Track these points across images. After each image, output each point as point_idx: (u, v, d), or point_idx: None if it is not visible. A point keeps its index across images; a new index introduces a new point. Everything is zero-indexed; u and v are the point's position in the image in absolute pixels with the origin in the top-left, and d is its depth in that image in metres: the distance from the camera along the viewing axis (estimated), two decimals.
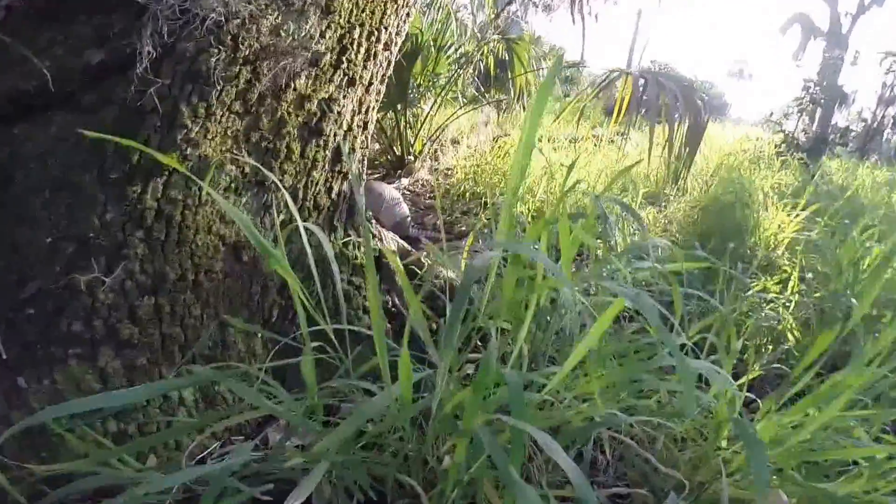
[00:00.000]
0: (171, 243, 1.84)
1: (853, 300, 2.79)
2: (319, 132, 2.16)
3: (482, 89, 7.36)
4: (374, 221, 3.05)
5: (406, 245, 3.17)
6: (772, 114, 8.78)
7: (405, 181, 5.45)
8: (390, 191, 3.96)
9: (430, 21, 5.64)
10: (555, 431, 1.67)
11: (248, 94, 1.88)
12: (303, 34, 1.97)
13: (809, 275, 3.11)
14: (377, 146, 5.92)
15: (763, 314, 2.78)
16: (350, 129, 2.32)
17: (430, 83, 6.00)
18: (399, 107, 5.46)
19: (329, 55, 2.10)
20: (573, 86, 14.26)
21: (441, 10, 5.68)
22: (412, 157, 5.68)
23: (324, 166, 2.23)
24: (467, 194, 4.66)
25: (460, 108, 6.28)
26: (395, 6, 2.40)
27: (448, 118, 6.02)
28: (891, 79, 8.39)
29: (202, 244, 1.90)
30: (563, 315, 2.01)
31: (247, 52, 1.82)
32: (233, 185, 1.95)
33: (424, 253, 3.25)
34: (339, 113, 2.21)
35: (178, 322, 1.90)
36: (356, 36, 2.20)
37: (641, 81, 3.75)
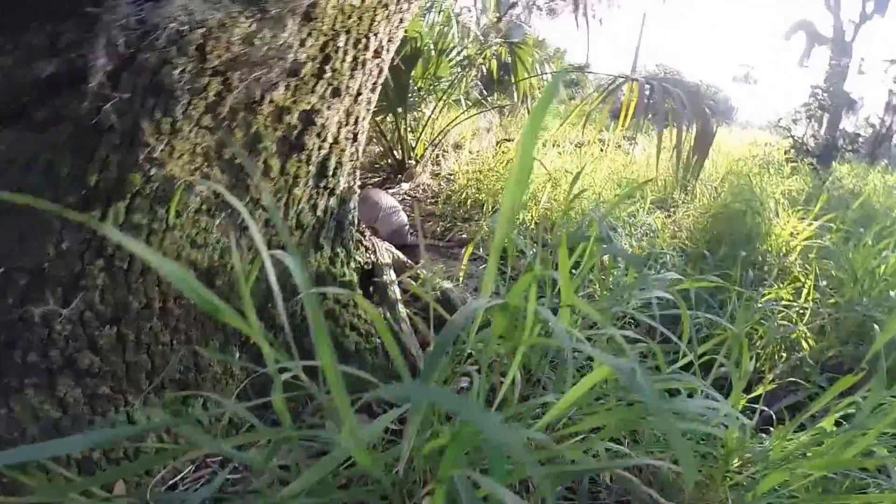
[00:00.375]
0: (134, 272, 1.67)
1: (871, 309, 2.68)
2: (301, 146, 1.99)
3: (485, 93, 7.22)
4: (367, 233, 2.89)
5: (401, 256, 3.01)
6: (780, 119, 8.65)
7: (406, 186, 5.31)
8: (387, 199, 3.81)
9: (431, 24, 5.48)
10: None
11: (218, 107, 1.71)
12: (280, 43, 1.80)
13: (824, 282, 2.94)
14: (378, 149, 5.79)
15: (776, 323, 2.63)
16: (336, 141, 2.15)
17: (432, 86, 5.86)
18: (399, 110, 5.30)
19: (310, 64, 1.94)
20: (578, 89, 14.08)
21: (441, 13, 5.53)
22: (413, 162, 5.54)
23: (307, 182, 2.07)
24: (468, 201, 4.51)
25: (463, 111, 6.13)
26: (386, 12, 2.23)
27: (450, 122, 5.89)
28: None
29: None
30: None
31: (216, 63, 1.65)
32: (204, 206, 1.78)
33: (420, 265, 3.13)
34: (322, 125, 2.04)
35: (144, 350, 1.73)
36: (341, 44, 2.03)
37: (648, 87, 3.57)
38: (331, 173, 2.15)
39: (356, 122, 2.26)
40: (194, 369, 1.86)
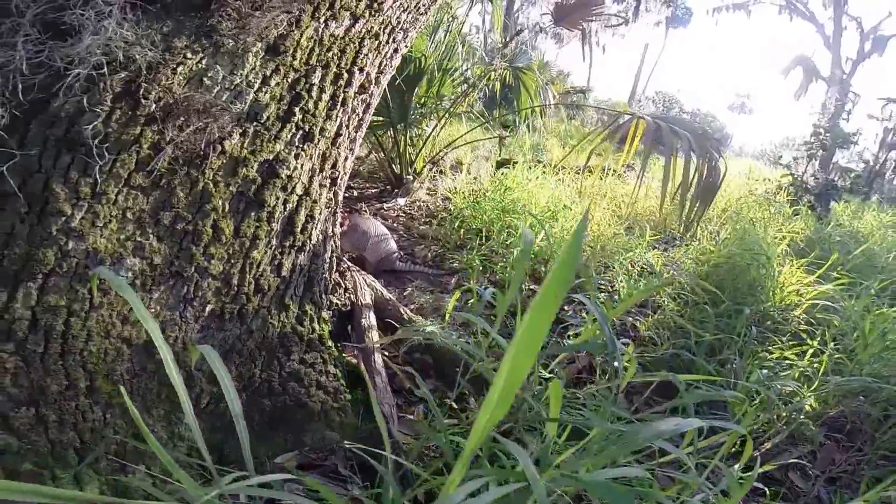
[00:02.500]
0: (51, 355, 1.35)
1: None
2: (261, 203, 1.65)
3: (486, 114, 6.94)
4: (348, 273, 2.55)
5: (385, 293, 2.72)
6: (780, 157, 8.44)
7: (402, 201, 5.02)
8: (376, 227, 3.49)
9: (436, 44, 5.18)
10: None
11: (154, 162, 1.36)
12: (237, 81, 1.45)
13: (832, 344, 2.63)
14: (375, 159, 5.52)
15: (778, 384, 2.36)
16: (307, 192, 1.80)
17: (435, 105, 5.56)
18: (400, 126, 5.05)
19: (274, 106, 1.60)
20: (578, 111, 13.78)
21: (448, 33, 5.22)
22: (411, 177, 5.24)
23: (269, 243, 1.72)
24: (462, 229, 4.18)
25: (467, 132, 5.81)
26: (377, 43, 1.89)
27: (452, 141, 5.59)
28: (892, 124, 8.04)
29: (98, 350, 1.41)
30: None
31: (152, 108, 1.31)
32: (137, 280, 1.43)
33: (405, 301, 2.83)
34: (289, 177, 1.69)
35: (70, 427, 1.41)
36: (316, 80, 1.70)
37: (655, 127, 3.25)
38: (299, 229, 1.81)
39: (334, 166, 1.92)
40: (135, 438, 1.52)
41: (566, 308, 3.17)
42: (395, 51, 2.07)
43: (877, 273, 4.14)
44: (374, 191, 5.32)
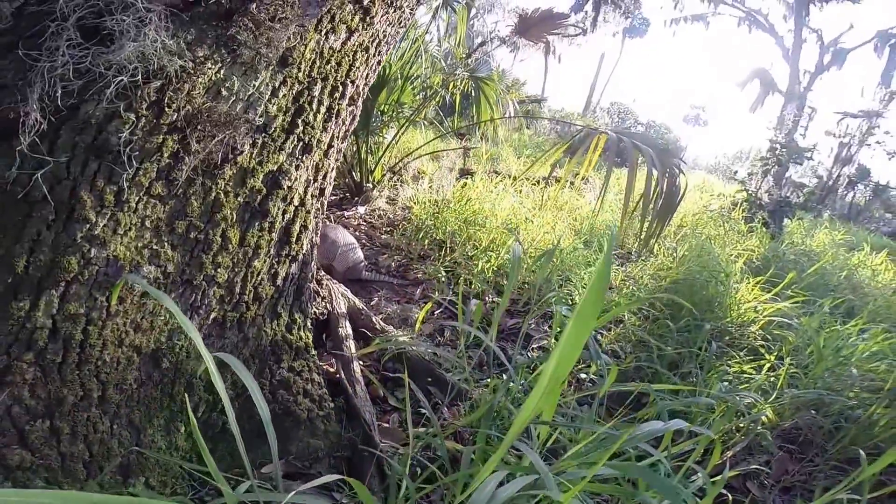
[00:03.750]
0: (69, 364, 1.40)
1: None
2: (264, 213, 1.73)
3: (446, 122, 7.01)
4: (324, 281, 2.63)
5: (357, 302, 2.80)
6: (736, 172, 8.69)
7: (362, 209, 5.06)
8: (344, 236, 3.55)
9: (401, 54, 5.25)
10: None
11: (173, 171, 1.44)
12: (249, 92, 1.53)
13: (788, 359, 2.79)
14: (336, 167, 5.53)
15: (737, 396, 2.47)
16: (303, 203, 1.89)
17: (395, 112, 5.62)
18: (361, 133, 5.07)
19: (281, 118, 1.68)
20: (533, 121, 13.98)
21: (414, 42, 5.29)
22: (371, 186, 5.30)
23: (268, 252, 1.80)
24: (426, 240, 4.25)
25: (427, 141, 5.89)
26: (366, 56, 1.98)
27: (413, 150, 5.66)
28: (847, 139, 8.32)
29: (111, 360, 1.46)
30: None
31: (174, 118, 1.38)
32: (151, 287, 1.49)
33: (376, 313, 2.90)
34: (289, 188, 1.78)
35: (81, 440, 1.45)
36: (316, 93, 1.79)
37: (620, 143, 3.38)
38: (294, 239, 1.89)
39: (324, 177, 2.01)
40: (135, 451, 1.58)
41: (531, 322, 3.28)
42: (378, 63, 2.17)
43: (829, 291, 4.36)
44: (333, 198, 5.32)
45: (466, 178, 5.48)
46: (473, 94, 5.90)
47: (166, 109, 1.37)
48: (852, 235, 7.07)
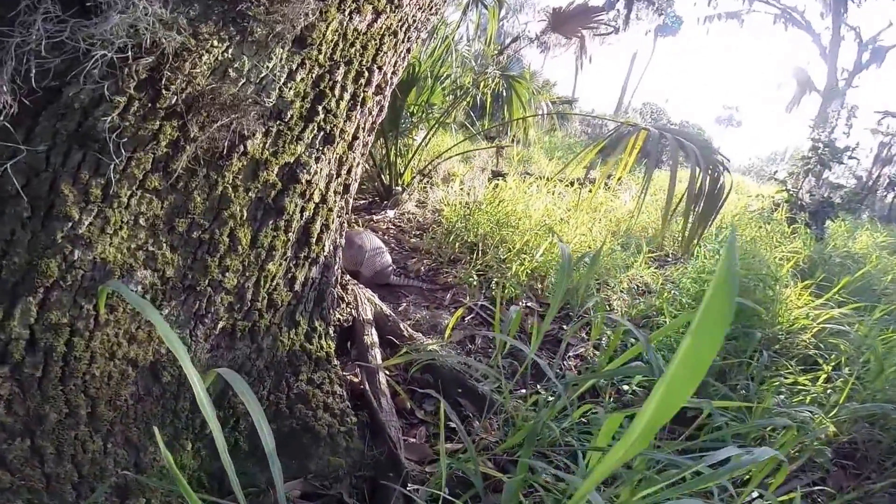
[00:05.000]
0: (51, 379, 1.22)
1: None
2: (280, 210, 1.53)
3: (477, 122, 6.84)
4: (349, 286, 2.45)
5: (384, 308, 2.63)
6: (775, 172, 8.38)
7: (391, 213, 4.91)
8: (371, 240, 3.38)
9: (430, 51, 5.09)
10: None
11: (172, 162, 1.25)
12: (262, 75, 1.33)
13: (846, 370, 2.57)
14: (364, 170, 5.41)
15: (793, 410, 2.31)
16: (324, 199, 1.69)
17: (424, 113, 5.46)
18: (390, 134, 4.96)
19: (299, 104, 1.48)
20: (564, 122, 13.75)
21: (444, 40, 5.12)
22: (400, 189, 5.14)
23: (284, 254, 1.60)
24: (457, 242, 4.07)
25: (455, 144, 5.72)
26: (395, 41, 1.79)
27: (443, 152, 5.50)
28: (888, 138, 7.99)
29: (101, 374, 1.28)
30: None
31: (173, 101, 1.19)
32: (148, 295, 1.31)
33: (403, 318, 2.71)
34: (308, 182, 1.58)
35: (69, 459, 1.28)
36: (339, 78, 1.59)
37: (661, 139, 3.17)
38: (314, 240, 1.69)
39: (349, 172, 1.81)
40: (134, 468, 1.39)
41: (564, 327, 3.08)
42: (408, 51, 1.98)
43: (876, 296, 4.11)
44: (362, 202, 5.20)
45: (498, 180, 5.29)
46: (505, 93, 5.74)
47: (164, 92, 1.18)
48: (894, 237, 6.82)
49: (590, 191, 5.59)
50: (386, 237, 4.23)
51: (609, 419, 1.26)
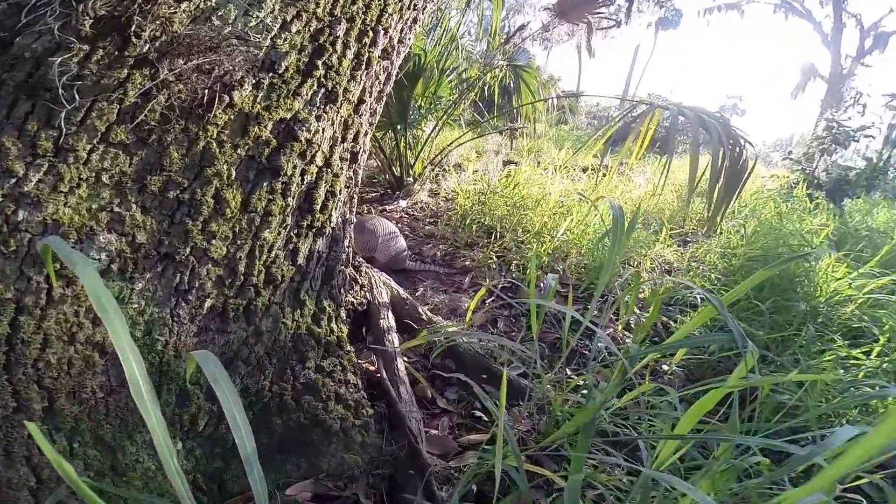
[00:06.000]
0: None
1: None
2: (276, 171, 1.32)
3: (485, 115, 6.70)
4: (363, 268, 2.25)
5: (401, 292, 2.45)
6: (790, 152, 8.20)
7: (403, 203, 4.80)
8: (384, 225, 3.22)
9: (435, 43, 4.94)
10: None
11: (142, 113, 1.03)
12: (252, 24, 1.13)
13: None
14: (376, 164, 5.31)
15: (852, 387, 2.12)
16: (328, 164, 1.48)
17: (432, 105, 5.31)
18: (399, 126, 4.87)
19: (295, 56, 1.28)
20: (572, 114, 13.59)
21: (448, 31, 4.99)
22: (411, 179, 5.01)
23: (283, 221, 1.39)
24: (473, 225, 3.90)
25: (464, 133, 5.57)
26: (399, 5, 1.60)
27: (451, 143, 5.34)
28: None
29: (59, 361, 1.06)
30: None
31: (145, 49, 0.98)
32: (114, 264, 1.10)
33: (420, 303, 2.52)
34: (309, 141, 1.37)
35: (22, 462, 1.07)
36: (340, 34, 1.40)
37: (681, 118, 3.00)
38: (319, 207, 1.48)
39: (356, 139, 1.61)
40: (111, 472, 1.19)
41: (587, 308, 2.89)
42: (414, 20, 1.80)
43: None
44: (374, 194, 5.11)
45: (511, 167, 5.15)
46: (512, 84, 5.61)
47: (133, 39, 0.97)
48: None
49: (607, 172, 5.42)
50: (400, 225, 4.07)
51: (701, 400, 1.06)
